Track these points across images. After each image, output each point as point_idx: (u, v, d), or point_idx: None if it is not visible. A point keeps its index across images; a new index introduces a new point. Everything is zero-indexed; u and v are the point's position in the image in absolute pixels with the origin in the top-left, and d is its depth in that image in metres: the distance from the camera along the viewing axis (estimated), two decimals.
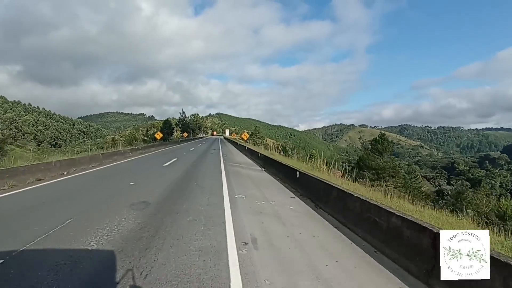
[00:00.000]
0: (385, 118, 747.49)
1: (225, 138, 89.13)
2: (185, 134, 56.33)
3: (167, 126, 51.29)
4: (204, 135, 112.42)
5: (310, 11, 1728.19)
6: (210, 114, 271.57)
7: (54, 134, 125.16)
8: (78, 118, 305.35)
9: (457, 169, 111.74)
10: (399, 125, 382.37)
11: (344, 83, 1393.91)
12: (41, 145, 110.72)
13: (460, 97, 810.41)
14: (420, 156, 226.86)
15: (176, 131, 63.38)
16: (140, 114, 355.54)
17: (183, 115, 75.07)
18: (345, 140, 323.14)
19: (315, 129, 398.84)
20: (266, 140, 76.25)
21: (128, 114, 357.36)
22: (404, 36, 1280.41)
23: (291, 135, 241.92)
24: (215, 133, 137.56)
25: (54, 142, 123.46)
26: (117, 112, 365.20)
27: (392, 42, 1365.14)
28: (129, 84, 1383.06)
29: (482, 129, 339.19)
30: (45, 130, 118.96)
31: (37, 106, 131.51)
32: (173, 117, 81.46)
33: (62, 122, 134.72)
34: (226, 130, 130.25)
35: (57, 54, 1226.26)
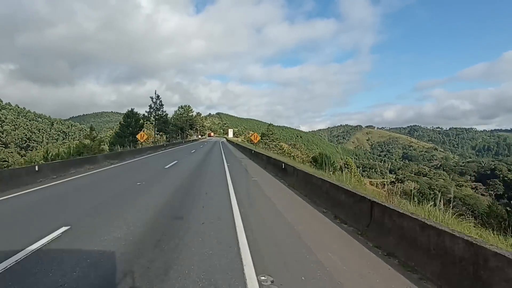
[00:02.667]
0: (387, 120, 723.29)
1: (228, 140, 69.12)
2: (143, 136, 24.61)
3: (131, 124, 32.41)
4: (199, 136, 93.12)
5: (315, 9, 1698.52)
6: (210, 114, 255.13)
7: (26, 135, 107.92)
8: (71, 117, 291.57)
9: (500, 176, 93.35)
10: (408, 126, 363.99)
11: (347, 84, 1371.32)
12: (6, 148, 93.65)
13: (463, 99, 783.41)
14: (436, 159, 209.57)
15: (145, 129, 38.19)
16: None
17: (158, 101, 42.74)
18: (353, 142, 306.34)
19: (319, 130, 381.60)
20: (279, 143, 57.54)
21: (123, 114, 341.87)
22: (409, 36, 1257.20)
23: (297, 136, 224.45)
24: (212, 134, 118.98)
25: (25, 144, 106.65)
26: (111, 112, 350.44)
27: (395, 43, 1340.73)
28: (128, 84, 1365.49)
29: (495, 130, 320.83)
30: (13, 130, 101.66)
31: (8, 102, 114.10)
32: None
33: (37, 121, 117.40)
34: (230, 130, 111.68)
35: (53, 53, 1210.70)
